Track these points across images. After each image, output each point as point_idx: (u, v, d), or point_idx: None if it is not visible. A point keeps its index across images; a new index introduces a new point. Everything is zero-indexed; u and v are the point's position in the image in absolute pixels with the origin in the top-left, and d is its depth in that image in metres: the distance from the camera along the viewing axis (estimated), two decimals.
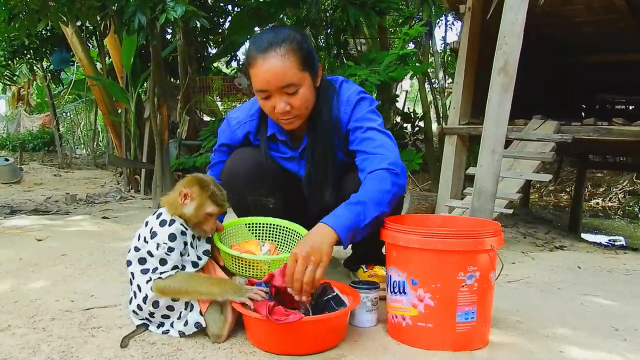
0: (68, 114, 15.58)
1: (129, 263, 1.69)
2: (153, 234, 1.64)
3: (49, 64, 11.00)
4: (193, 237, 1.71)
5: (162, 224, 1.65)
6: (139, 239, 1.68)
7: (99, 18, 4.48)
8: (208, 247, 1.78)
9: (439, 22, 9.92)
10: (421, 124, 6.88)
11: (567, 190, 11.57)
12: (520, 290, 2.37)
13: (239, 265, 1.77)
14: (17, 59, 10.60)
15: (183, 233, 1.66)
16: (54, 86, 11.84)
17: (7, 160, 8.18)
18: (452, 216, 2.50)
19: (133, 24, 3.90)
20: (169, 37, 8.20)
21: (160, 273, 1.61)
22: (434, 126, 7.42)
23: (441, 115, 7.97)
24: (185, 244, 1.67)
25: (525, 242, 4.18)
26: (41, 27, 4.90)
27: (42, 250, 2.84)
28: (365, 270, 2.22)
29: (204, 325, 1.63)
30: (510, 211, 3.48)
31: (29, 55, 10.49)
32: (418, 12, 6.59)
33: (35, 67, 11.20)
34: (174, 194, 1.69)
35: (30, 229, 3.57)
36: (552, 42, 5.94)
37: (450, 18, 10.11)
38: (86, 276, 2.37)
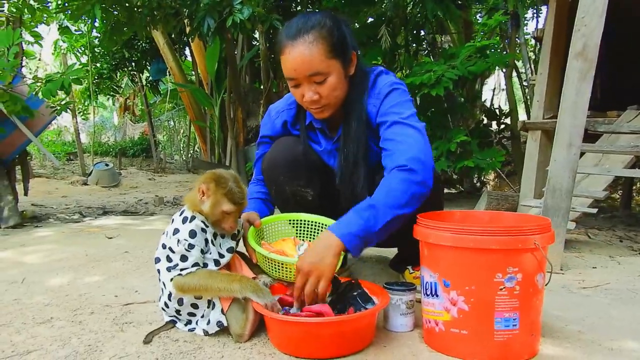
0: (171, 122, 16.51)
1: (157, 260, 1.68)
2: (175, 231, 1.61)
3: (147, 75, 11.74)
4: (215, 234, 1.67)
5: (184, 220, 1.62)
6: (167, 235, 1.66)
7: (174, 25, 4.63)
8: (233, 244, 1.72)
9: (531, 14, 9.32)
10: (508, 121, 6.47)
11: None
12: (593, 297, 2.10)
13: (268, 265, 1.71)
14: (119, 71, 11.41)
15: (203, 230, 1.62)
16: (152, 95, 12.59)
17: (107, 165, 8.77)
18: (502, 212, 2.27)
19: (203, 28, 3.99)
20: (256, 43, 8.42)
21: (181, 270, 1.59)
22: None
23: (530, 111, 7.46)
24: (207, 241, 1.63)
25: (619, 246, 3.75)
26: (126, 37, 5.19)
27: (109, 247, 2.96)
28: (412, 271, 2.07)
29: (225, 324, 1.58)
30: (595, 210, 3.13)
31: (130, 67, 11.25)
32: (504, 1, 6.22)
33: (136, 78, 11.95)
34: (194, 190, 1.66)
35: (107, 227, 3.75)
36: None
37: (543, 10, 9.47)
38: (139, 273, 2.43)
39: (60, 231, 3.67)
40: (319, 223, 1.96)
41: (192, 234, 1.59)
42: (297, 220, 1.99)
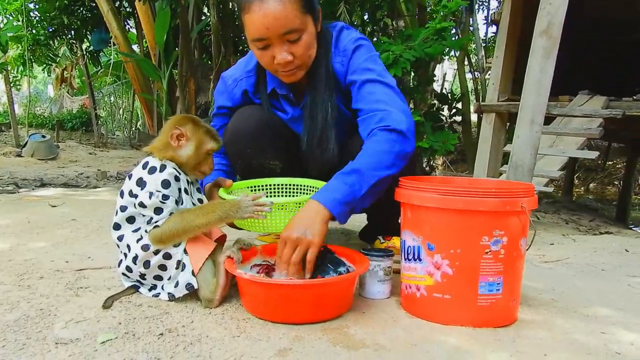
0: (112, 98, 15.83)
1: (116, 226, 1.53)
2: (142, 184, 1.47)
3: (88, 45, 11.13)
4: (188, 182, 1.55)
5: (152, 170, 1.48)
6: (122, 196, 1.52)
7: None
8: (201, 196, 1.62)
9: (482, 3, 9.50)
10: (459, 106, 6.55)
11: (615, 183, 11.01)
12: (557, 270, 2.13)
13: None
14: (57, 39, 10.75)
15: (177, 179, 1.49)
16: (93, 67, 11.98)
17: (43, 137, 8.28)
18: (480, 178, 2.27)
19: None
20: (204, 18, 8.13)
21: (156, 222, 1.46)
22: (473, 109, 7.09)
23: (481, 97, 7.61)
24: (180, 190, 1.51)
25: (566, 227, 3.89)
26: None
27: (53, 215, 2.75)
28: (383, 241, 2.02)
29: (195, 286, 1.47)
30: (551, 189, 3.21)
31: (69, 36, 10.62)
32: None
33: (75, 48, 11.32)
34: (162, 137, 1.53)
35: (49, 197, 3.52)
36: (604, 19, 5.53)
37: (493, 3, 9.68)
38: (89, 240, 2.26)
39: None
40: (291, 184, 1.87)
41: (166, 183, 1.46)
42: (267, 185, 1.89)
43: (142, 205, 1.46)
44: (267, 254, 1.66)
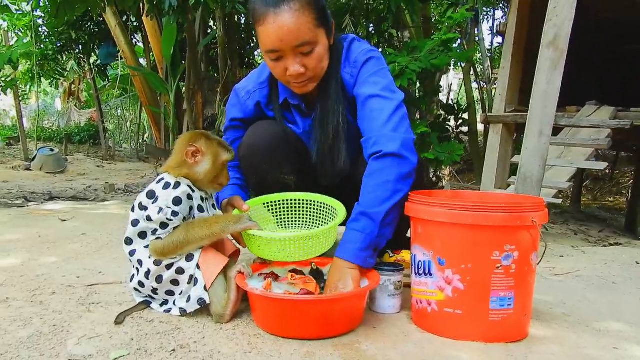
0: (119, 111, 15.93)
1: (128, 241, 1.54)
2: (154, 198, 1.49)
3: (96, 59, 11.23)
4: (202, 198, 1.57)
5: (166, 186, 1.50)
6: (133, 210, 1.53)
7: (131, 5, 4.41)
8: (218, 212, 1.65)
9: (487, 14, 9.52)
10: (465, 116, 6.56)
11: (624, 192, 10.93)
12: (568, 283, 2.11)
13: (256, 245, 1.60)
14: (65, 53, 10.85)
15: (189, 197, 1.51)
16: (100, 81, 12.07)
17: (52, 150, 8.34)
18: (491, 192, 2.27)
19: (164, 4, 3.81)
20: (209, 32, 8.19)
21: (158, 235, 1.48)
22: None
23: (487, 107, 7.61)
24: (191, 208, 1.52)
25: (575, 238, 3.87)
26: (78, 13, 4.90)
27: (63, 230, 2.77)
28: (392, 255, 2.02)
29: (207, 301, 1.48)
30: (560, 201, 3.20)
31: (77, 50, 10.73)
32: None
33: (82, 62, 11.41)
34: (176, 156, 1.55)
35: (59, 211, 3.54)
36: (611, 27, 5.53)
37: (498, 14, 9.70)
38: (100, 254, 2.27)
39: (6, 214, 3.42)
40: (305, 200, 1.87)
41: (177, 201, 1.47)
42: (282, 201, 1.88)
43: (149, 218, 1.48)
44: (276, 266, 1.67)
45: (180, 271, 1.49)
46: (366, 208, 1.54)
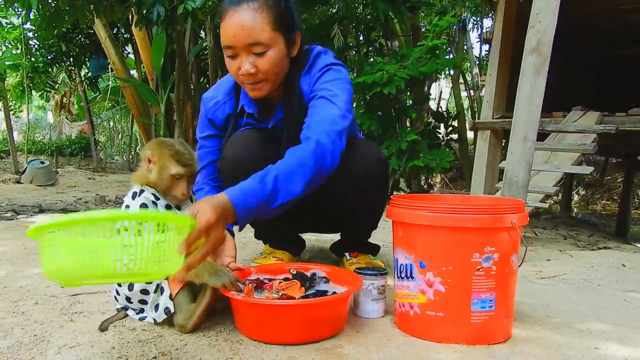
0: (110, 123, 15.88)
1: None
2: (126, 209, 1.50)
3: (87, 71, 11.23)
4: (168, 207, 1.56)
5: (134, 196, 1.51)
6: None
7: (120, 17, 4.43)
8: None
9: (476, 23, 9.60)
10: (455, 123, 6.60)
11: (615, 198, 10.99)
12: (553, 285, 2.12)
13: None
14: (56, 66, 10.84)
15: (154, 203, 1.51)
16: (92, 93, 12.06)
17: (42, 163, 8.30)
18: (472, 196, 2.28)
19: (152, 15, 3.83)
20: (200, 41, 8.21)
21: None
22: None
23: (476, 114, 7.67)
24: None
25: (564, 243, 3.87)
26: (67, 25, 4.90)
27: None
28: (349, 258, 2.01)
29: (172, 310, 1.46)
30: (546, 205, 3.22)
31: (68, 63, 10.71)
32: (452, 7, 6.36)
33: (73, 75, 11.40)
34: (140, 164, 1.55)
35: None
36: (597, 33, 5.60)
37: (487, 22, 9.79)
38: None
39: None
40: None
41: (143, 207, 1.47)
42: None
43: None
44: (262, 273, 1.67)
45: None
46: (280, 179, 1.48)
